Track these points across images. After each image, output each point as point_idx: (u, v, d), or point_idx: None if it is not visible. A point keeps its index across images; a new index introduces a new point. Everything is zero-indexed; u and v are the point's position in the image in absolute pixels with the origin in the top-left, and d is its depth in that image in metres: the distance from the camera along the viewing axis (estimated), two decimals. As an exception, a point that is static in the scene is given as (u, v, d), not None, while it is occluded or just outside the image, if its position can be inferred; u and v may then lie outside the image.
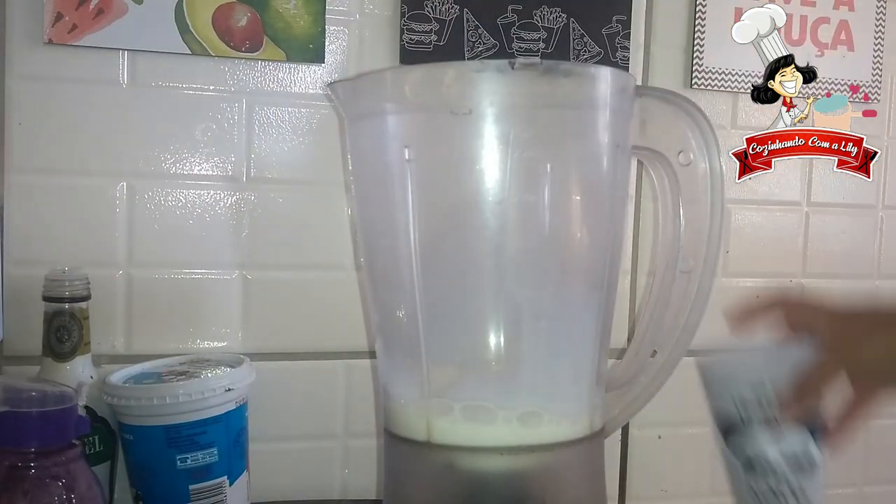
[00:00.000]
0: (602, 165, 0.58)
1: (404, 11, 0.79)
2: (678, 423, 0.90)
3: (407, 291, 0.57)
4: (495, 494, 0.57)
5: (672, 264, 0.64)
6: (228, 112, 0.78)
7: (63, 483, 0.52)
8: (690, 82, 0.87)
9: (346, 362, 0.82)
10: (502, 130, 0.54)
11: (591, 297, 0.59)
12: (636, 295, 0.89)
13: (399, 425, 0.60)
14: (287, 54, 0.77)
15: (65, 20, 0.72)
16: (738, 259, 0.91)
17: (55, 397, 0.53)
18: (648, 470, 0.90)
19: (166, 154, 0.77)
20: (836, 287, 0.95)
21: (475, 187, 0.55)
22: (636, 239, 0.88)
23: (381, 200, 0.59)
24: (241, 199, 0.78)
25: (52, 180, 0.74)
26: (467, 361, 0.58)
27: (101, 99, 0.75)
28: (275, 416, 0.79)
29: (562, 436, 0.57)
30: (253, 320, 0.79)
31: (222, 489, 0.67)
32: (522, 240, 0.56)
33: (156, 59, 0.75)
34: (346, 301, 0.81)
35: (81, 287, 0.67)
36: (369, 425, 0.82)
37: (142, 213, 0.76)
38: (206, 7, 0.75)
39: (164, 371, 0.70)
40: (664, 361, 0.65)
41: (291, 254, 0.80)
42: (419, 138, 0.57)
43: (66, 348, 0.66)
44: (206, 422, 0.66)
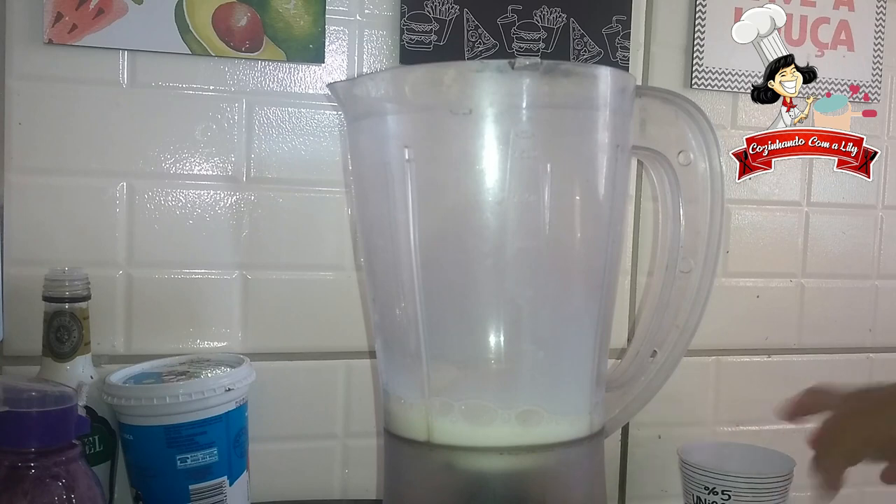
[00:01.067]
0: (602, 165, 0.58)
1: (404, 11, 0.79)
2: (678, 423, 0.90)
3: (407, 291, 0.57)
4: (495, 494, 0.57)
5: (672, 264, 0.64)
6: (228, 112, 0.78)
7: (63, 483, 0.52)
8: (690, 82, 0.87)
9: (346, 362, 0.82)
10: (502, 130, 0.54)
11: (591, 296, 0.59)
12: (636, 295, 0.89)
13: (399, 425, 0.60)
14: (287, 54, 0.77)
15: (65, 20, 0.72)
16: (738, 259, 0.91)
17: (55, 397, 0.53)
18: (648, 470, 0.90)
19: (166, 154, 0.77)
20: (836, 287, 0.95)
21: (475, 187, 0.55)
22: (636, 239, 0.88)
23: (381, 200, 0.59)
24: (241, 199, 0.78)
25: (52, 180, 0.74)
26: (467, 361, 0.58)
27: (101, 99, 0.75)
28: (275, 416, 0.79)
29: (562, 436, 0.57)
30: (253, 320, 0.79)
31: (222, 489, 0.67)
32: (522, 240, 0.56)
33: (156, 59, 0.75)
34: (346, 301, 0.81)
35: (81, 287, 0.67)
36: (369, 425, 0.82)
37: (142, 213, 0.76)
38: (206, 7, 0.75)
39: (164, 371, 0.70)
40: (664, 361, 0.65)
41: (291, 254, 0.80)
42: (419, 138, 0.57)
43: (66, 348, 0.66)
44: (206, 422, 0.66)
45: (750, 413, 0.93)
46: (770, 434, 0.93)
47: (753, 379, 0.93)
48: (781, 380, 0.93)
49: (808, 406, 0.59)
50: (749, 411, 0.93)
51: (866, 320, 0.96)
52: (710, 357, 0.92)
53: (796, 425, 0.59)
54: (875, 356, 0.97)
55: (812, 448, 0.56)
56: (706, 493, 0.75)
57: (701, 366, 0.91)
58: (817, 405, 0.58)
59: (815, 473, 0.56)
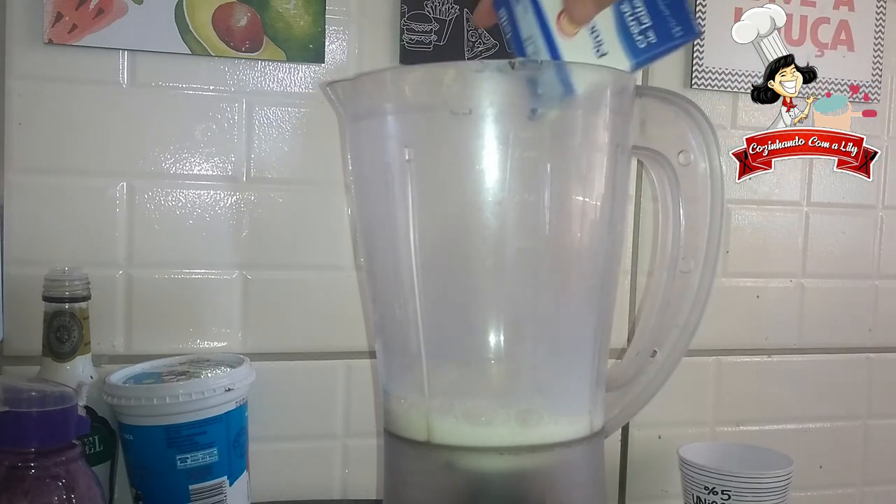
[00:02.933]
0: (602, 165, 0.58)
1: (404, 11, 0.79)
2: (678, 423, 0.90)
3: (407, 291, 0.57)
4: (495, 494, 0.57)
5: (672, 264, 0.64)
6: (228, 112, 0.78)
7: (63, 483, 0.52)
8: (690, 82, 0.87)
9: (346, 362, 0.82)
10: (502, 130, 0.54)
11: (591, 296, 0.59)
12: (636, 295, 0.89)
13: (399, 425, 0.60)
14: (287, 54, 0.77)
15: (65, 20, 0.72)
16: (738, 259, 0.91)
17: (55, 397, 0.53)
18: (648, 470, 0.90)
19: (166, 154, 0.77)
20: (836, 287, 0.95)
21: (475, 187, 0.55)
22: (636, 239, 0.88)
23: (380, 200, 0.59)
24: (241, 199, 0.78)
25: (53, 180, 0.74)
26: (467, 361, 0.58)
27: (101, 99, 0.75)
28: (275, 416, 0.79)
29: (562, 436, 0.57)
30: (253, 320, 0.79)
31: (222, 489, 0.67)
32: (522, 240, 0.56)
33: (156, 59, 0.75)
34: (346, 301, 0.81)
35: (81, 287, 0.67)
36: (369, 425, 0.82)
37: (142, 213, 0.76)
38: (206, 7, 0.75)
39: (164, 371, 0.70)
40: (664, 361, 0.65)
41: (291, 254, 0.80)
42: (419, 138, 0.57)
43: (66, 348, 0.66)
44: (206, 422, 0.66)
45: (750, 413, 0.93)
46: (770, 434, 0.93)
47: (753, 379, 0.93)
48: (781, 380, 0.94)
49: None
50: (749, 411, 0.93)
51: (866, 320, 0.96)
52: (710, 357, 0.92)
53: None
54: (875, 356, 0.97)
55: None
56: (706, 493, 0.75)
57: (701, 366, 0.91)
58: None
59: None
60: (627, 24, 0.54)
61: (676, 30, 0.54)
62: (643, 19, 0.54)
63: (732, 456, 0.80)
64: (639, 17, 0.54)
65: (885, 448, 0.97)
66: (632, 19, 0.54)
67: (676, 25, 0.54)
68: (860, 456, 0.97)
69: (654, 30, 0.54)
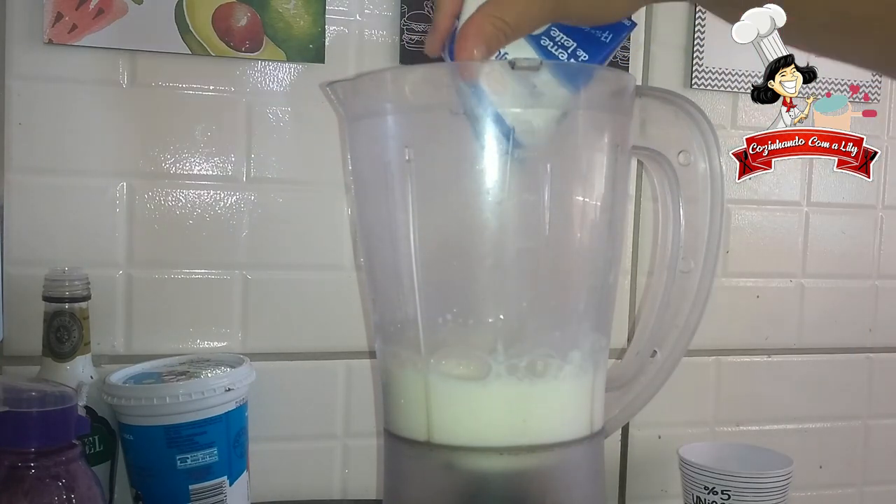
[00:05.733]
0: (602, 165, 0.58)
1: (404, 11, 0.79)
2: (678, 423, 0.90)
3: (407, 291, 0.57)
4: (495, 494, 0.57)
5: (672, 264, 0.64)
6: (228, 112, 0.78)
7: (63, 483, 0.52)
8: (690, 82, 0.87)
9: (346, 362, 0.82)
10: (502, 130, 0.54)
11: (591, 296, 0.59)
12: (636, 295, 0.89)
13: (399, 425, 0.60)
14: (287, 54, 0.77)
15: (65, 20, 0.72)
16: (738, 259, 0.91)
17: (55, 397, 0.53)
18: (648, 470, 0.90)
19: (166, 154, 0.77)
20: (836, 287, 0.95)
21: (475, 187, 0.55)
22: (636, 239, 0.88)
23: (380, 200, 0.59)
24: (241, 199, 0.78)
25: (53, 180, 0.74)
26: (467, 361, 0.58)
27: (101, 99, 0.75)
28: (275, 416, 0.79)
29: (562, 436, 0.57)
30: (253, 320, 0.79)
31: (222, 489, 0.67)
32: (522, 240, 0.56)
33: (156, 59, 0.75)
34: (346, 301, 0.81)
35: (81, 287, 0.67)
36: (369, 425, 0.82)
37: (142, 213, 0.76)
38: (206, 7, 0.75)
39: (164, 371, 0.70)
40: (664, 361, 0.65)
41: (291, 254, 0.80)
42: (419, 138, 0.57)
43: (66, 348, 0.66)
44: (206, 422, 0.66)
45: (750, 413, 0.93)
46: (770, 434, 0.93)
47: (753, 379, 0.93)
48: (781, 380, 0.94)
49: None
50: (749, 411, 0.93)
51: (866, 320, 0.96)
52: (710, 357, 0.92)
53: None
54: (875, 356, 0.97)
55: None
56: (706, 493, 0.75)
57: (701, 366, 0.91)
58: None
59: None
60: (555, 55, 0.52)
61: (605, 35, 0.52)
62: (567, 44, 0.52)
63: (732, 456, 0.80)
64: (562, 44, 0.52)
65: (885, 448, 0.97)
66: (556, 48, 0.52)
67: (603, 31, 0.52)
68: (860, 456, 0.97)
69: (582, 47, 0.52)
